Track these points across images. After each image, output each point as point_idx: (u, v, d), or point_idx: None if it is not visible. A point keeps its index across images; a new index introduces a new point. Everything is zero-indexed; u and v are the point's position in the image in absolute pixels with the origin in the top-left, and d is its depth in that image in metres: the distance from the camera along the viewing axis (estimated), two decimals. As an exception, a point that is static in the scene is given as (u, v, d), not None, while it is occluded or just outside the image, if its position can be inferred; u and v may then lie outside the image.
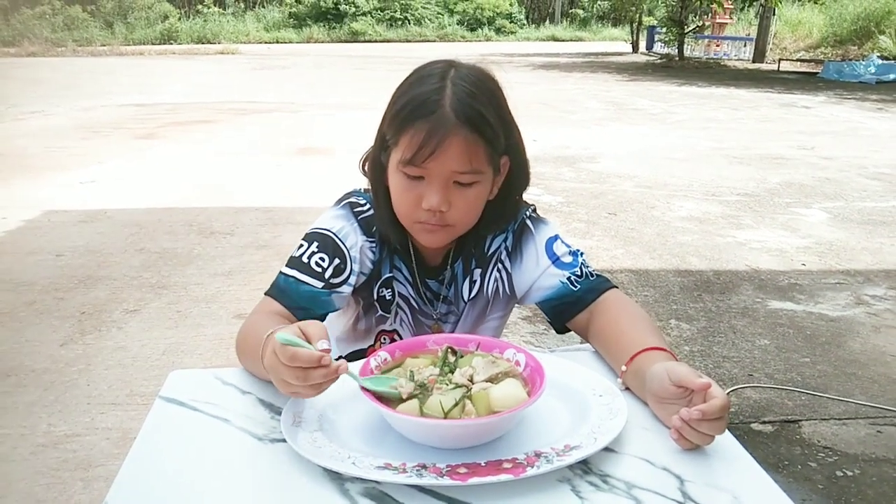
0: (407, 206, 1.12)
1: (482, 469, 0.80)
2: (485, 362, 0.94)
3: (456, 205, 1.10)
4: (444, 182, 1.08)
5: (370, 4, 31.37)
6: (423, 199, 1.09)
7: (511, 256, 1.26)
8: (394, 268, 1.25)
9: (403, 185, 1.11)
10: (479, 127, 1.06)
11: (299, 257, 1.17)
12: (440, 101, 1.05)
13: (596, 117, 9.69)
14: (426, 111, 1.05)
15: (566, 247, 1.24)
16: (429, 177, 1.08)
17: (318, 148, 7.21)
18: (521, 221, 1.26)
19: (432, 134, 1.04)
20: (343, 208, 1.23)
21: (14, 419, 2.36)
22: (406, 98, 1.09)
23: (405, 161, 1.07)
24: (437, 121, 1.04)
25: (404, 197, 1.12)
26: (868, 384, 2.69)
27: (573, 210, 5.02)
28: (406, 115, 1.07)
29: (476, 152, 1.07)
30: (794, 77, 16.26)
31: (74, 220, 4.62)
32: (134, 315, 3.20)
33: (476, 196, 1.12)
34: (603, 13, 34.56)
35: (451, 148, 1.05)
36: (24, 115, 9.38)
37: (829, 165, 6.63)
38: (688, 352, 2.94)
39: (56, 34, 25.20)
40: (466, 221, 1.16)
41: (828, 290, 3.62)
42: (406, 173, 1.09)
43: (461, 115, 1.05)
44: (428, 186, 1.09)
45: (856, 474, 2.15)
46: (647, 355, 0.99)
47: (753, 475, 0.83)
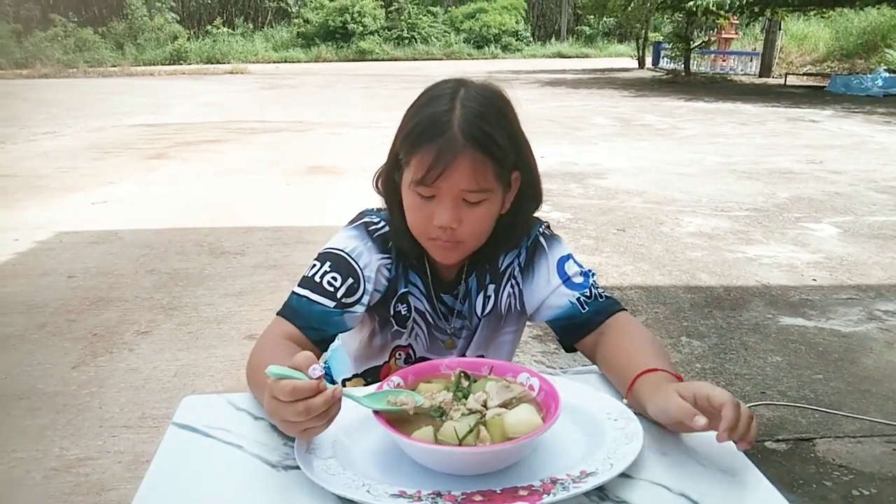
0: (420, 224, 1.16)
1: (498, 496, 0.80)
2: (498, 387, 0.94)
3: (466, 222, 1.13)
4: (453, 200, 1.11)
5: (377, 24, 31.64)
6: (435, 216, 1.12)
7: (523, 273, 1.28)
8: (409, 283, 1.27)
9: (416, 204, 1.14)
10: (488, 147, 1.09)
11: (311, 277, 1.19)
12: (449, 122, 1.08)
13: (603, 133, 9.71)
14: (435, 133, 1.08)
15: (578, 267, 1.25)
16: (439, 195, 1.11)
17: (328, 167, 7.25)
18: (535, 238, 1.28)
19: (441, 156, 1.07)
20: (356, 228, 1.25)
21: (27, 443, 2.37)
22: (416, 119, 1.12)
23: (416, 181, 1.10)
24: (445, 143, 1.07)
25: (417, 215, 1.15)
26: (882, 401, 2.66)
27: (582, 226, 5.02)
28: (416, 137, 1.10)
29: (484, 172, 1.10)
30: (801, 91, 16.26)
31: (86, 241, 4.65)
32: (145, 337, 3.21)
33: (485, 213, 1.15)
34: (609, 29, 34.72)
35: (459, 169, 1.08)
36: (36, 136, 9.48)
37: (838, 180, 6.61)
38: (699, 369, 2.92)
39: (67, 56, 25.54)
40: (477, 238, 1.18)
41: (839, 306, 3.59)
42: (418, 193, 1.12)
43: (469, 136, 1.07)
44: (439, 205, 1.12)
45: (872, 494, 2.13)
46: (641, 381, 1.00)
47: (771, 499, 0.82)
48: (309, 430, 0.85)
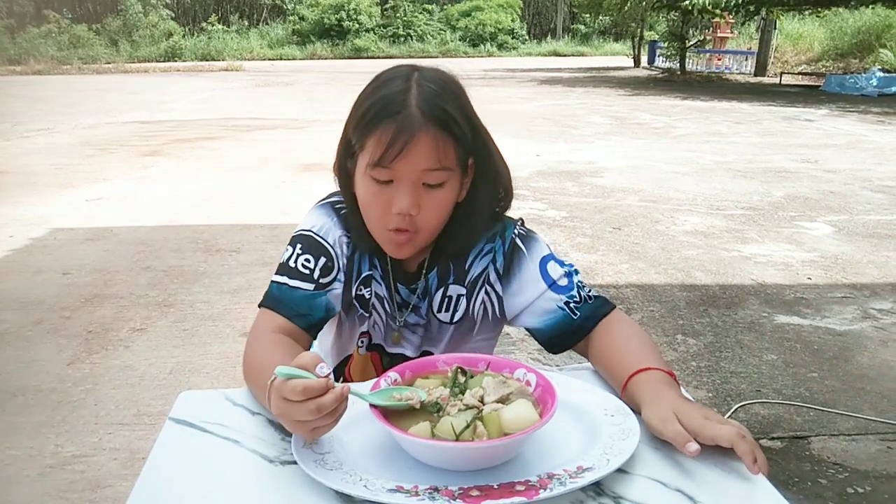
0: (377, 212, 1.11)
1: (495, 492, 0.80)
2: (495, 383, 0.94)
3: (425, 208, 1.09)
4: (413, 183, 1.07)
5: (373, 21, 31.63)
6: (393, 203, 1.08)
7: (502, 279, 1.22)
8: (373, 266, 1.23)
9: (372, 191, 1.10)
10: (447, 124, 1.06)
11: (286, 262, 1.17)
12: (406, 100, 1.05)
13: (599, 132, 9.72)
14: (392, 111, 1.05)
15: (560, 266, 1.20)
16: (397, 179, 1.07)
17: (323, 164, 7.22)
18: (511, 242, 1.22)
19: (400, 132, 1.03)
20: (323, 206, 1.24)
21: (22, 440, 2.36)
22: (371, 101, 1.08)
23: (373, 163, 1.06)
24: (404, 120, 1.04)
25: (373, 203, 1.11)
26: (877, 399, 2.67)
27: (577, 225, 5.03)
28: (372, 117, 1.06)
29: (445, 150, 1.06)
30: (796, 90, 16.31)
31: (81, 238, 4.64)
32: (141, 334, 3.21)
33: (444, 198, 1.11)
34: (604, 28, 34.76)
35: (419, 146, 1.04)
36: (30, 133, 9.45)
37: (832, 178, 6.63)
38: (695, 367, 2.93)
39: (62, 52, 25.45)
40: (434, 225, 1.14)
41: (834, 304, 3.61)
42: (374, 177, 1.08)
43: (428, 113, 1.04)
44: (397, 189, 1.08)
45: (867, 491, 2.14)
46: (635, 381, 0.99)
47: (767, 496, 0.83)
48: (318, 429, 0.85)
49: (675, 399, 0.94)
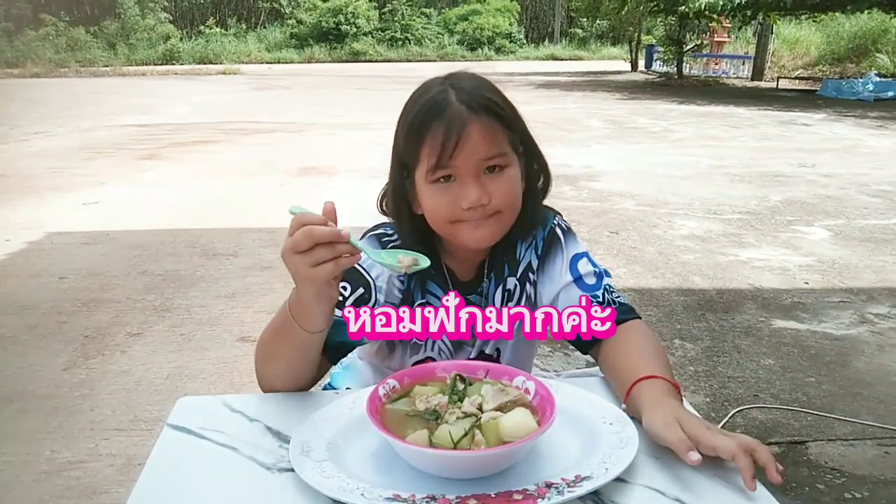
0: (445, 211, 1.10)
1: (492, 500, 0.80)
2: (494, 390, 0.94)
3: (496, 191, 1.09)
4: (474, 175, 1.07)
5: (371, 25, 31.66)
6: (461, 199, 1.08)
7: (538, 268, 1.23)
8: (427, 293, 1.21)
9: (437, 193, 1.09)
10: (493, 111, 1.08)
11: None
12: (447, 99, 1.07)
13: (596, 136, 9.73)
14: (437, 113, 1.06)
15: (592, 266, 1.20)
16: (458, 175, 1.08)
17: (321, 168, 7.24)
18: (551, 230, 1.24)
19: (450, 130, 1.05)
20: (368, 239, 1.21)
21: (17, 446, 2.35)
22: (414, 112, 1.09)
23: (432, 168, 1.07)
24: (451, 117, 1.05)
25: (440, 203, 1.10)
26: (874, 404, 2.67)
27: (575, 229, 4.96)
28: (420, 125, 1.07)
29: (496, 136, 1.08)
30: (793, 95, 16.35)
31: (77, 242, 4.63)
32: (137, 338, 3.20)
33: (511, 178, 1.11)
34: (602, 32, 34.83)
35: (472, 138, 1.05)
36: (27, 136, 9.44)
37: (829, 183, 6.65)
38: (692, 372, 2.93)
39: (59, 55, 25.44)
40: (513, 205, 1.13)
41: (831, 309, 3.61)
42: (436, 180, 1.08)
43: (473, 105, 1.06)
44: (461, 185, 1.08)
45: (865, 496, 2.14)
46: (639, 388, 0.99)
47: (764, 503, 0.82)
48: (320, 267, 0.90)
49: (678, 407, 0.94)
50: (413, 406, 0.93)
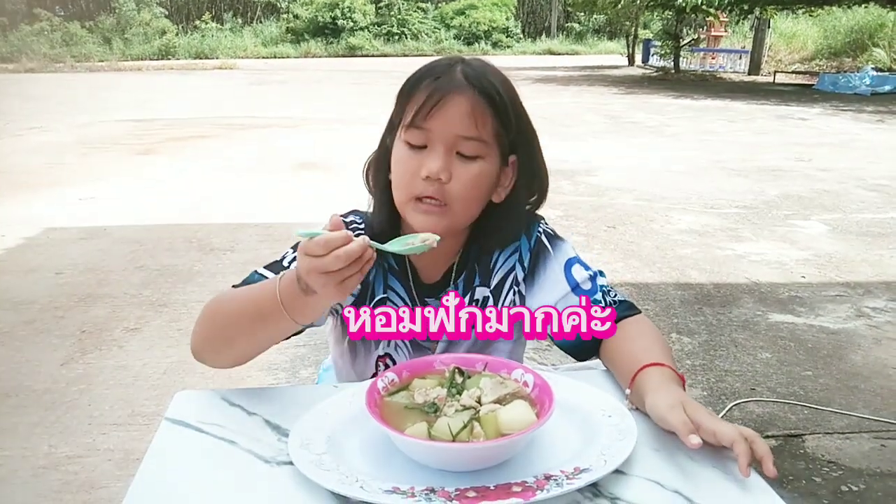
0: (405, 177, 1.06)
1: (491, 493, 0.80)
2: (493, 383, 0.94)
3: (457, 177, 1.04)
4: (446, 147, 1.04)
5: (367, 19, 31.54)
6: (423, 166, 1.04)
7: (527, 279, 1.18)
8: (388, 288, 1.17)
9: (405, 155, 1.06)
10: (488, 92, 1.04)
11: (280, 261, 1.13)
12: (451, 67, 1.06)
13: (593, 130, 9.73)
14: (435, 74, 1.05)
15: (585, 270, 1.17)
16: (431, 142, 1.04)
17: (317, 163, 7.22)
18: (538, 240, 1.19)
19: (438, 90, 1.02)
20: None
21: (15, 441, 2.35)
22: (416, 73, 1.08)
23: (408, 123, 1.04)
24: (444, 80, 1.03)
25: (404, 168, 1.07)
26: (871, 397, 2.68)
27: (572, 223, 5.03)
28: (414, 81, 1.06)
29: (483, 118, 1.04)
30: (790, 89, 16.35)
31: (74, 238, 4.62)
32: (135, 333, 3.20)
33: (479, 174, 1.06)
34: (599, 27, 34.75)
35: (455, 106, 1.02)
36: (23, 131, 9.40)
37: (826, 177, 6.65)
38: (690, 366, 2.94)
39: (54, 50, 25.30)
40: (465, 205, 1.08)
41: (828, 303, 3.62)
42: (408, 141, 1.06)
43: (472, 78, 1.04)
44: (429, 153, 1.04)
45: (861, 489, 2.15)
46: (644, 374, 0.98)
47: (764, 497, 0.83)
48: (348, 280, 0.86)
49: (683, 394, 0.94)
50: (412, 399, 0.93)
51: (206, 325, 1.07)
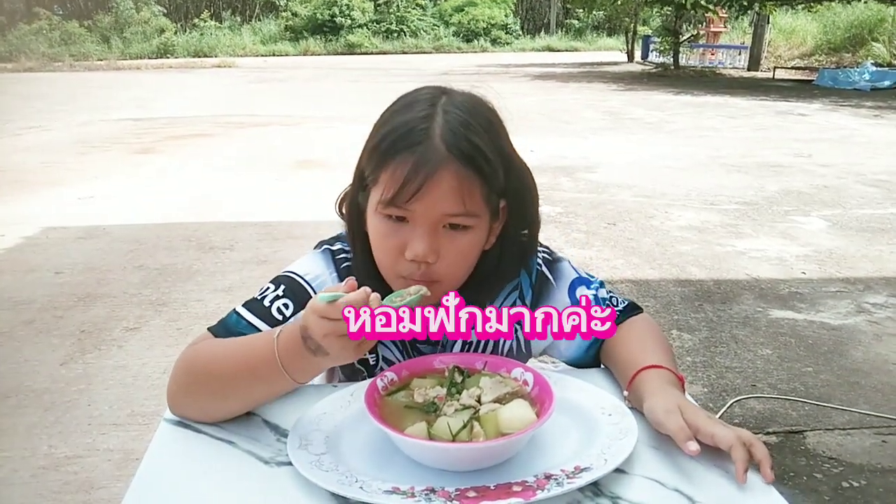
0: (387, 256, 0.98)
1: (491, 493, 0.79)
2: (492, 382, 0.94)
3: (445, 255, 0.96)
4: (431, 226, 0.94)
5: (366, 17, 31.50)
6: (407, 247, 0.95)
7: None
8: None
9: (384, 230, 0.97)
10: (475, 162, 0.93)
11: (261, 300, 1.05)
12: (429, 129, 0.92)
13: (593, 127, 9.71)
14: (411, 141, 0.92)
15: (587, 287, 1.13)
16: (413, 220, 0.94)
17: (317, 161, 7.21)
18: (538, 273, 1.13)
19: (418, 168, 0.90)
20: (322, 254, 1.10)
21: (14, 441, 2.35)
22: (389, 127, 0.96)
23: (386, 201, 0.93)
24: (424, 153, 0.91)
25: (384, 245, 0.98)
26: (871, 393, 2.68)
27: (572, 220, 5.02)
28: (387, 147, 0.94)
29: (471, 192, 0.94)
30: (790, 84, 16.33)
31: (73, 237, 4.62)
32: (134, 333, 3.19)
33: (469, 244, 0.98)
34: (598, 23, 34.69)
35: (440, 186, 0.91)
36: (22, 131, 9.39)
37: (826, 173, 6.65)
38: (690, 363, 2.93)
39: (53, 49, 25.26)
40: (456, 277, 1.01)
41: (828, 299, 3.61)
42: (387, 215, 0.95)
43: (453, 147, 0.92)
44: (412, 231, 0.94)
45: (862, 485, 2.14)
46: (643, 376, 0.97)
47: (765, 496, 0.82)
48: (364, 343, 0.85)
49: (681, 396, 0.93)
50: (411, 398, 0.92)
51: (186, 380, 0.98)
